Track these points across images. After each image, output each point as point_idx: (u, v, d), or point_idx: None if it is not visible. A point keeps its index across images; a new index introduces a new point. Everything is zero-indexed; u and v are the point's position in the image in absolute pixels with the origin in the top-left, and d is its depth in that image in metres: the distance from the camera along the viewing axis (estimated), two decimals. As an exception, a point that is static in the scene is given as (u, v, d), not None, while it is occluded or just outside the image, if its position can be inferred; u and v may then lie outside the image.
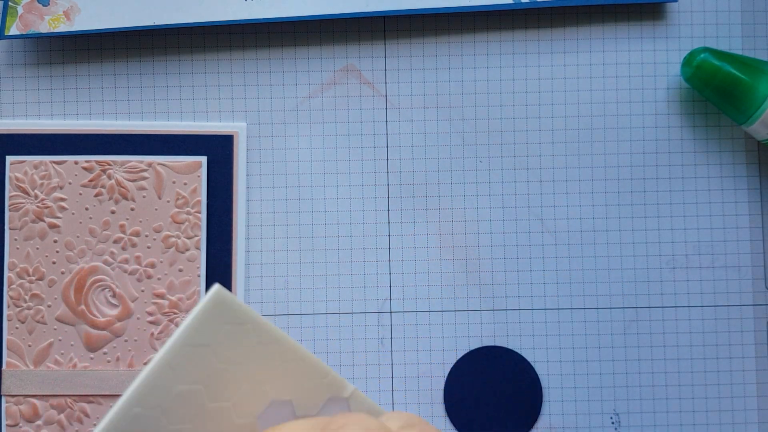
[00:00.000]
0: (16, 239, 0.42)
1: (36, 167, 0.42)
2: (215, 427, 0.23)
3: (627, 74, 0.43)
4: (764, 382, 0.43)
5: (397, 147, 0.43)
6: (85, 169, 0.42)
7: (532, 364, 0.43)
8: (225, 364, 0.23)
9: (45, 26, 0.41)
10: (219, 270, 0.42)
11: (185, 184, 0.42)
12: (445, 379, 0.43)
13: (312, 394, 0.25)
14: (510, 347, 0.43)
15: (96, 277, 0.42)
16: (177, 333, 0.22)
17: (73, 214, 0.42)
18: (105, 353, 0.42)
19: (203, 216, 0.42)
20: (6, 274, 0.42)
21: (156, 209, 0.42)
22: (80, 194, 0.42)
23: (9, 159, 0.42)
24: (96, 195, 0.42)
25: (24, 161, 0.42)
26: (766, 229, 0.43)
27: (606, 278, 0.43)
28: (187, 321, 0.22)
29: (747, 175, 0.43)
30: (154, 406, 0.22)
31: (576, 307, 0.43)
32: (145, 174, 0.42)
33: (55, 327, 0.42)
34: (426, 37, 0.44)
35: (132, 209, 0.42)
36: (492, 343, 0.43)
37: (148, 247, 0.42)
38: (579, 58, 0.43)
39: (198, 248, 0.42)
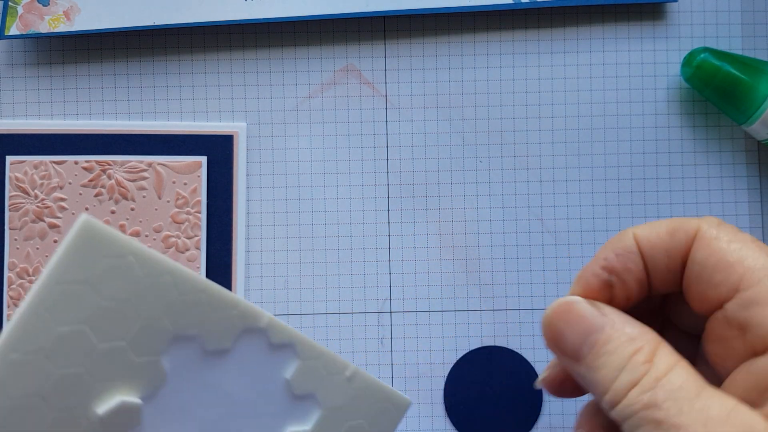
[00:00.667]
0: (16, 239, 0.42)
1: (36, 167, 0.42)
2: (113, 367, 0.21)
3: (627, 74, 0.43)
4: (764, 382, 0.43)
5: (397, 147, 0.43)
6: (85, 169, 0.42)
7: (532, 364, 0.43)
8: (110, 301, 0.21)
9: (45, 26, 0.41)
10: (219, 270, 0.42)
11: (185, 184, 0.42)
12: (445, 379, 0.43)
13: (221, 326, 0.23)
14: (510, 347, 0.43)
15: (96, 277, 0.42)
16: (46, 270, 0.20)
17: (73, 214, 0.42)
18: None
19: (203, 216, 0.42)
20: (6, 274, 0.42)
21: (156, 209, 0.42)
22: (80, 194, 0.42)
23: (9, 159, 0.42)
24: (96, 195, 0.42)
25: (24, 161, 0.42)
26: (766, 229, 0.43)
27: (606, 278, 0.43)
28: (55, 256, 0.20)
29: (747, 175, 0.43)
30: (35, 351, 0.20)
31: (576, 307, 0.43)
32: (145, 174, 0.42)
33: (55, 327, 0.42)
34: (426, 37, 0.44)
35: (132, 209, 0.42)
36: (492, 343, 0.43)
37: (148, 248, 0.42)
38: (579, 58, 0.43)
39: (198, 248, 0.42)
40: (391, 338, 0.43)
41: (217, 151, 0.43)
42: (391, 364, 0.43)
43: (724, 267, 0.20)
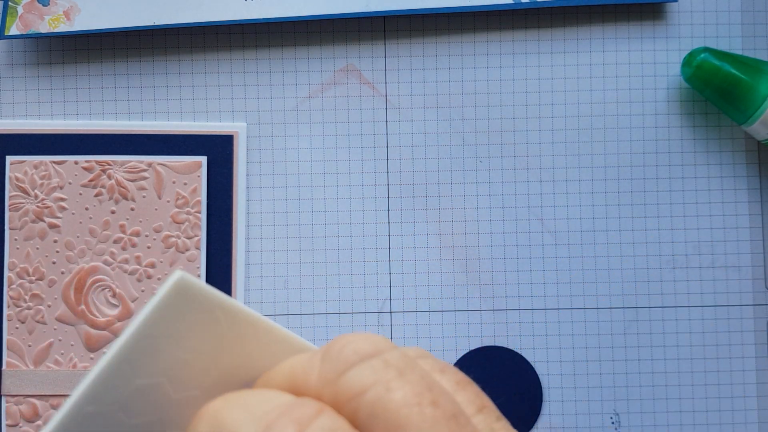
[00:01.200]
0: (16, 239, 0.42)
1: (36, 167, 0.42)
2: (184, 414, 0.21)
3: (627, 74, 0.43)
4: (764, 382, 0.43)
5: (397, 147, 0.43)
6: (85, 169, 0.42)
7: (532, 364, 0.43)
8: (190, 354, 0.21)
9: (45, 26, 0.41)
10: (219, 270, 0.42)
11: (185, 184, 0.42)
12: (445, 379, 0.43)
13: None
14: (510, 347, 0.43)
15: (96, 277, 0.42)
16: (134, 325, 0.20)
17: (73, 214, 0.42)
18: (105, 353, 0.42)
19: (203, 216, 0.42)
20: (6, 274, 0.42)
21: (156, 209, 0.42)
22: (80, 194, 0.42)
23: (9, 159, 0.42)
24: (96, 195, 0.42)
25: (24, 161, 0.42)
26: (766, 229, 0.43)
27: (606, 278, 0.43)
28: (145, 311, 0.20)
29: (747, 175, 0.43)
30: (111, 403, 0.20)
31: (576, 307, 0.43)
32: (145, 174, 0.42)
33: (55, 327, 0.42)
34: (426, 37, 0.44)
35: (132, 209, 0.42)
36: (492, 343, 0.43)
37: (148, 247, 0.42)
38: (579, 58, 0.43)
39: (198, 248, 0.42)
40: (391, 338, 0.43)
41: (217, 151, 0.43)
42: (391, 364, 0.43)
43: None
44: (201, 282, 0.21)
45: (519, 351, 0.43)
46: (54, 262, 0.42)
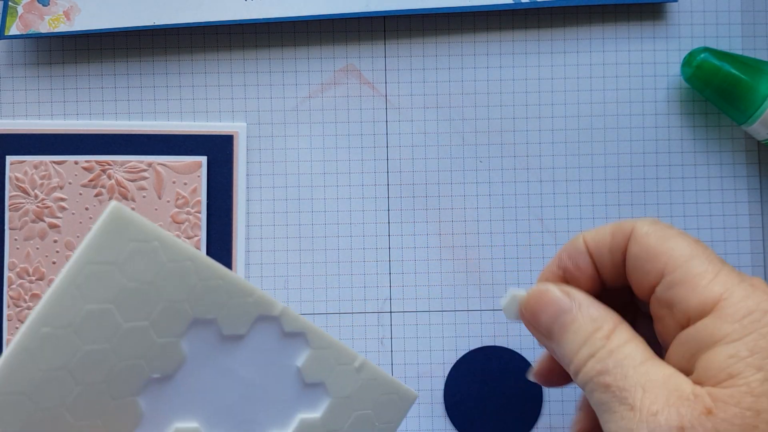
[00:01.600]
0: (16, 239, 0.42)
1: (36, 167, 0.42)
2: (135, 346, 0.22)
3: (627, 74, 0.43)
4: (764, 382, 0.43)
5: (397, 147, 0.43)
6: (85, 169, 0.42)
7: (532, 363, 0.43)
8: (135, 282, 0.22)
9: (45, 26, 0.41)
10: (219, 270, 0.42)
11: (185, 184, 0.42)
12: (445, 379, 0.43)
13: (237, 312, 0.24)
14: (510, 347, 0.43)
15: (96, 277, 0.42)
16: (77, 251, 0.21)
17: (73, 214, 0.42)
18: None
19: (203, 216, 0.42)
20: (6, 274, 0.42)
21: (156, 209, 0.42)
22: (80, 194, 0.42)
23: (9, 159, 0.42)
24: (96, 195, 0.42)
25: (24, 161, 0.42)
26: (766, 229, 0.43)
27: (606, 278, 0.43)
28: (86, 238, 0.22)
29: (747, 175, 0.43)
30: (64, 325, 0.21)
31: (576, 307, 0.43)
32: (145, 174, 0.42)
33: (55, 327, 0.42)
34: (426, 37, 0.44)
35: (132, 209, 0.42)
36: (492, 343, 0.43)
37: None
38: (579, 58, 0.43)
39: (198, 248, 0.42)
40: (391, 338, 0.43)
41: (217, 151, 0.43)
42: (391, 364, 0.43)
43: (652, 257, 0.24)
44: (137, 214, 0.22)
45: (519, 351, 0.43)
46: (54, 262, 0.42)
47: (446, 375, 0.43)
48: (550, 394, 0.43)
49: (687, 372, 0.22)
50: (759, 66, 0.40)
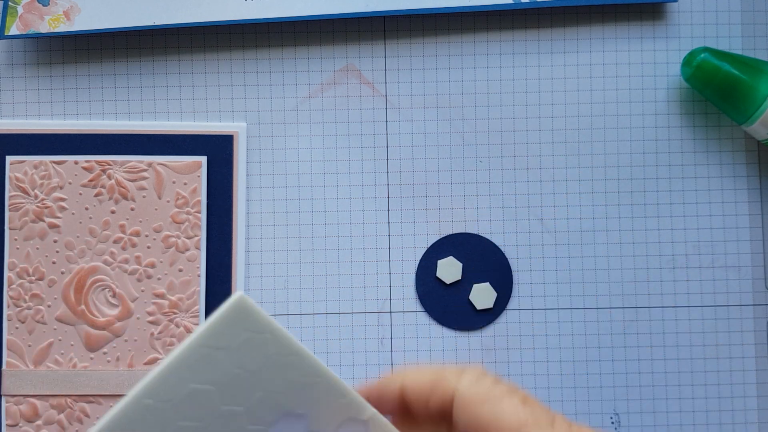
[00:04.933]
0: (16, 239, 0.42)
1: (36, 167, 0.42)
2: (226, 429, 0.24)
3: (627, 74, 0.43)
4: (764, 382, 0.43)
5: (397, 147, 0.43)
6: (85, 169, 0.42)
7: (532, 364, 0.43)
8: (240, 369, 0.23)
9: (45, 26, 0.41)
10: (219, 270, 0.42)
11: (185, 184, 0.42)
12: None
13: (328, 411, 0.25)
14: (509, 347, 0.43)
15: (96, 277, 0.42)
16: (195, 333, 0.23)
17: (73, 214, 0.42)
18: (105, 353, 0.42)
19: (203, 216, 0.42)
20: (6, 274, 0.42)
21: (156, 209, 0.42)
22: (80, 194, 0.42)
23: (9, 159, 0.42)
24: (96, 195, 0.42)
25: (24, 161, 0.42)
26: (766, 229, 0.43)
27: (606, 278, 0.43)
28: (207, 323, 0.23)
29: (747, 175, 0.43)
30: (166, 400, 0.23)
31: (576, 307, 0.43)
32: (145, 174, 0.42)
33: (55, 327, 0.42)
34: (426, 37, 0.44)
35: (132, 209, 0.42)
36: (492, 344, 0.43)
37: (148, 247, 0.42)
38: (579, 58, 0.43)
39: (198, 248, 0.42)
40: (391, 338, 0.43)
41: (217, 151, 0.43)
42: (391, 364, 0.43)
43: (483, 428, 0.23)
44: (258, 306, 0.24)
45: (519, 351, 0.43)
46: (54, 262, 0.42)
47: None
48: (550, 394, 0.43)
49: None
50: (759, 66, 0.40)
